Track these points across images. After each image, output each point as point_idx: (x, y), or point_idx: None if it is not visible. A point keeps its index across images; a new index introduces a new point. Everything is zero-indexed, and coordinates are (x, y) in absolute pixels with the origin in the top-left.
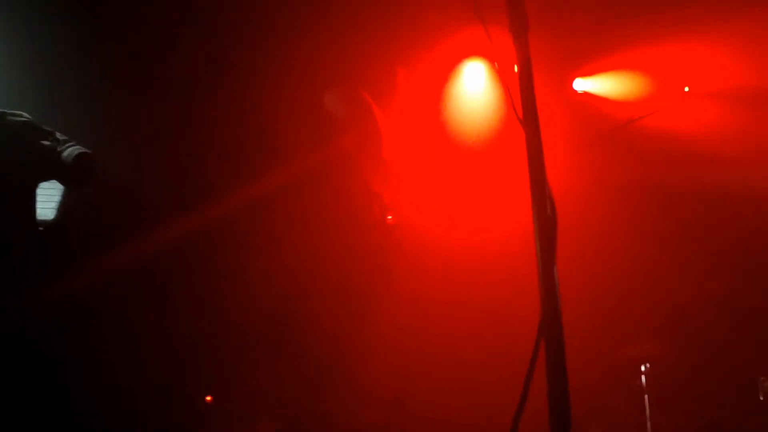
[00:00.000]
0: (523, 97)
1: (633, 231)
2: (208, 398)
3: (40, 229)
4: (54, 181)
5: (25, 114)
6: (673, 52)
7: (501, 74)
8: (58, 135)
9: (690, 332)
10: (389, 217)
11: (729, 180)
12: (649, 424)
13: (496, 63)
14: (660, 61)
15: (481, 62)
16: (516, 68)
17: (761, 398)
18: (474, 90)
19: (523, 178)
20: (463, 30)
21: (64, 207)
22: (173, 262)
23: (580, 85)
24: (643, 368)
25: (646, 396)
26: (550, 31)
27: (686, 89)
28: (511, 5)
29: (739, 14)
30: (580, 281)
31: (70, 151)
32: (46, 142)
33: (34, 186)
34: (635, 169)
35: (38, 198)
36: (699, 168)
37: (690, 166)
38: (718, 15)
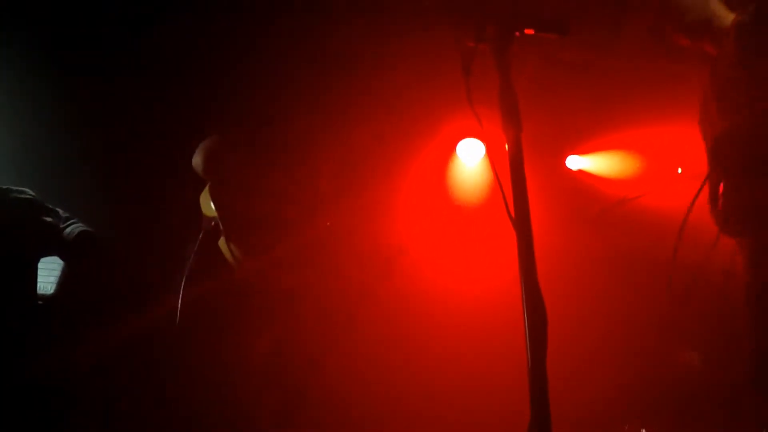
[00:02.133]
0: (515, 200)
1: (625, 308)
2: None
3: (40, 303)
4: (55, 256)
5: (29, 191)
6: (666, 134)
7: (495, 171)
8: (60, 212)
9: (685, 412)
10: None
11: (719, 258)
12: None
13: (495, 167)
14: (653, 141)
15: (478, 140)
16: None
17: None
18: (471, 165)
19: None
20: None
21: (64, 282)
22: (177, 336)
23: (574, 162)
24: None
25: None
26: (545, 108)
27: (679, 170)
28: (504, 109)
29: None
30: (571, 362)
31: (72, 228)
32: (48, 219)
33: (35, 261)
34: (628, 246)
35: (39, 272)
36: (692, 245)
37: (683, 244)
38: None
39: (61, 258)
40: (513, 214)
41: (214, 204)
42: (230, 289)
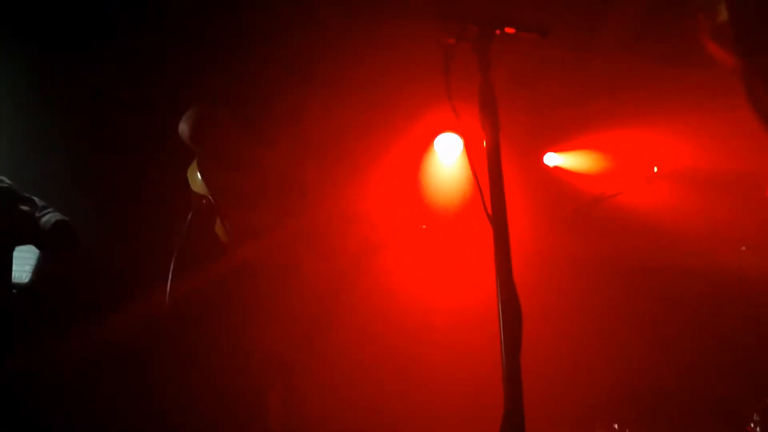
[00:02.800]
0: (492, 196)
1: (600, 308)
2: None
3: (14, 291)
4: (30, 245)
5: (5, 179)
6: (643, 132)
7: (473, 166)
8: (36, 201)
9: (662, 414)
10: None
11: (695, 256)
12: None
13: (472, 162)
14: (630, 139)
15: (456, 135)
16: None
17: None
18: (448, 161)
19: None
20: (439, 105)
21: (39, 271)
22: (152, 331)
23: (552, 159)
24: None
25: None
26: (523, 104)
27: (655, 169)
28: (483, 106)
29: (704, 103)
30: (548, 362)
31: (48, 217)
32: (24, 207)
33: (10, 249)
34: (602, 245)
35: (14, 261)
36: (666, 245)
37: (657, 243)
38: (687, 102)
39: (37, 247)
40: (489, 210)
41: (203, 178)
42: (226, 269)
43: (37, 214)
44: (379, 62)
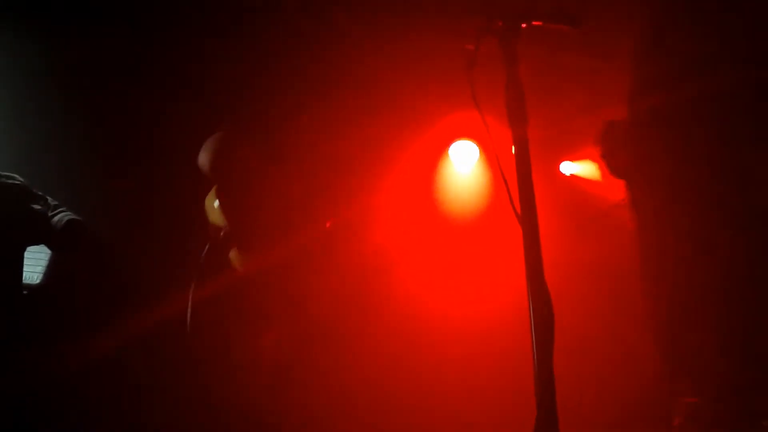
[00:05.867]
0: (521, 194)
1: (618, 316)
2: None
3: (25, 292)
4: (42, 245)
5: (18, 177)
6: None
7: (499, 167)
8: (49, 200)
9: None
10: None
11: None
12: None
13: (498, 162)
14: None
15: (471, 143)
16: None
17: None
18: (464, 170)
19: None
20: (453, 112)
21: (51, 271)
22: (163, 335)
23: (567, 167)
24: None
25: None
26: (539, 113)
27: None
28: (510, 101)
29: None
30: (570, 366)
31: (60, 216)
32: (36, 206)
33: (22, 249)
34: (620, 252)
35: (26, 261)
36: None
37: None
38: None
39: (49, 247)
40: (518, 210)
41: (222, 208)
42: (235, 293)
43: (50, 213)
44: (392, 72)
